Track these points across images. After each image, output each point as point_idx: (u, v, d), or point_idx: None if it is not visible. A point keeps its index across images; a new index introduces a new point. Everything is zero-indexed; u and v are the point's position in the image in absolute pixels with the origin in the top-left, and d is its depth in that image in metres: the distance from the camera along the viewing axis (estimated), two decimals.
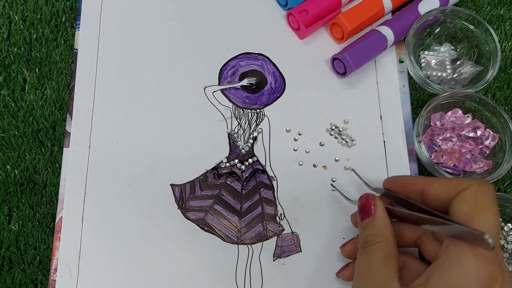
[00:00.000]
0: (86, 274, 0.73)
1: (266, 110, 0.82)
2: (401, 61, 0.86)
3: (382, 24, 0.86)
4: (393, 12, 0.89)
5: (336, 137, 0.81)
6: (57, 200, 0.77)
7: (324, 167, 0.80)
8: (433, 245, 0.63)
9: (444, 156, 0.80)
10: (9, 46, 0.84)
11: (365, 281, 0.59)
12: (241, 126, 0.81)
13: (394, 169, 0.80)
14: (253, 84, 0.83)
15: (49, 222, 0.76)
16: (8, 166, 0.78)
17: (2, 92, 0.81)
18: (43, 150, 0.79)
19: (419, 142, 0.79)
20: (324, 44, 0.87)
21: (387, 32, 0.84)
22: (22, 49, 0.84)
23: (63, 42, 0.85)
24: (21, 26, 0.85)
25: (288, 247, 0.75)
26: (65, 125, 0.80)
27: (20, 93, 0.82)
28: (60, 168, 0.78)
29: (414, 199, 0.65)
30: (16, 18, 0.85)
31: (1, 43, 0.84)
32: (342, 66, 0.83)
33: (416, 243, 0.65)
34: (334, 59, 0.84)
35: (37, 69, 0.83)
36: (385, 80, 0.85)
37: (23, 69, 0.83)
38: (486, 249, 0.54)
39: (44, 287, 0.74)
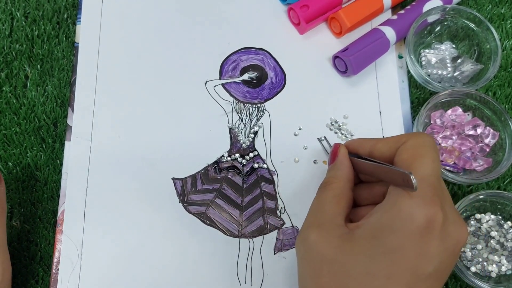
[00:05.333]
0: (88, 268, 0.73)
1: (267, 104, 0.82)
2: (400, 57, 0.87)
3: (385, 23, 0.86)
4: (393, 8, 0.89)
5: (336, 132, 0.81)
6: (58, 196, 0.77)
7: (324, 162, 0.80)
8: None
9: (444, 154, 0.80)
10: (11, 42, 0.84)
11: (314, 217, 0.62)
12: (242, 120, 0.81)
13: None
14: (254, 78, 0.83)
15: (50, 218, 0.76)
16: (9, 163, 0.78)
17: (4, 89, 0.82)
18: (44, 147, 0.80)
19: None
20: (325, 40, 0.87)
21: (391, 35, 0.84)
22: (24, 45, 0.84)
23: (64, 38, 0.85)
24: (23, 22, 0.85)
25: (289, 240, 0.76)
26: (66, 121, 0.80)
27: (22, 90, 0.82)
28: (61, 165, 0.78)
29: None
30: (18, 15, 0.86)
31: (3, 40, 0.84)
32: (343, 64, 0.83)
33: (384, 197, 0.65)
34: (335, 57, 0.84)
35: (38, 66, 0.83)
36: (385, 76, 0.85)
37: (25, 66, 0.83)
38: (411, 190, 0.55)
39: (45, 283, 0.74)
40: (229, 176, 0.78)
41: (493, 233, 0.77)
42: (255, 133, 0.81)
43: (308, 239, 0.59)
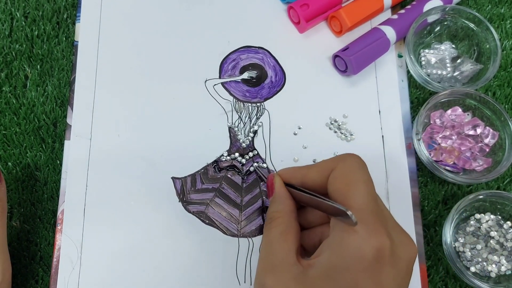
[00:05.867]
0: (88, 267, 0.73)
1: (267, 103, 0.82)
2: (400, 56, 0.87)
3: (386, 23, 0.86)
4: (392, 7, 0.90)
5: (335, 132, 0.81)
6: (58, 196, 0.77)
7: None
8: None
9: (444, 154, 0.80)
10: (11, 42, 0.84)
11: (267, 260, 0.60)
12: (241, 119, 0.81)
13: (392, 163, 0.80)
14: (254, 77, 0.83)
15: (50, 218, 0.77)
16: (9, 163, 0.78)
17: (4, 89, 0.82)
18: (44, 147, 0.80)
19: (419, 140, 0.79)
20: (325, 39, 0.87)
21: (391, 35, 0.84)
22: (24, 45, 0.84)
23: (64, 38, 0.85)
24: (23, 22, 0.85)
25: None
26: (66, 121, 0.80)
27: (22, 90, 0.82)
28: (61, 165, 0.78)
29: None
30: (18, 15, 0.86)
31: (3, 40, 0.84)
32: (343, 64, 0.83)
33: (329, 218, 0.64)
34: (336, 56, 0.84)
35: (38, 66, 0.83)
36: (384, 75, 0.85)
37: (25, 66, 0.83)
38: (351, 225, 0.55)
39: (45, 283, 0.74)
40: (229, 176, 0.78)
41: (493, 233, 0.77)
42: (255, 132, 0.81)
43: (265, 286, 0.58)
